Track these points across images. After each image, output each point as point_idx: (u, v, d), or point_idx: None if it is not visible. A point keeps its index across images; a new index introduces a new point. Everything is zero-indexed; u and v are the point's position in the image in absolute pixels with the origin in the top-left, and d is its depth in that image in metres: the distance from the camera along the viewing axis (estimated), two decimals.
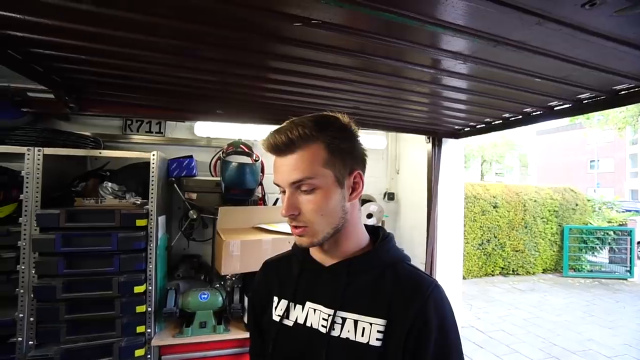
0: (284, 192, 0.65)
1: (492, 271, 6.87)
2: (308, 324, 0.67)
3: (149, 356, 1.72)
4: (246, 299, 1.89)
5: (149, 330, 1.74)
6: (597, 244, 7.17)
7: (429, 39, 0.96)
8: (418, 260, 2.43)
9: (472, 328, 4.24)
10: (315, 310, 0.67)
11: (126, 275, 1.68)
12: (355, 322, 0.63)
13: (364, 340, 0.62)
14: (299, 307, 0.69)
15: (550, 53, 0.96)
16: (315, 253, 0.72)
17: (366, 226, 0.75)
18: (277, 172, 0.65)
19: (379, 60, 1.11)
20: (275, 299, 0.73)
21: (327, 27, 0.89)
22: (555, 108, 1.52)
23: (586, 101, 1.37)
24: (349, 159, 0.67)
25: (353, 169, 0.68)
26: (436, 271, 2.24)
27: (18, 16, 0.89)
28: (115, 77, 1.43)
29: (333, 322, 0.64)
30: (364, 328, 0.62)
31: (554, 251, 7.30)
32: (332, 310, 0.64)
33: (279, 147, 0.62)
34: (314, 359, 0.64)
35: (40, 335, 1.58)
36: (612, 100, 1.28)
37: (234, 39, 1.00)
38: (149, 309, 1.74)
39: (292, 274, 0.74)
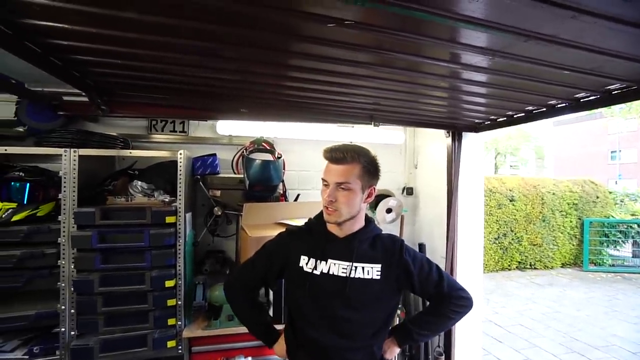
0: (327, 185, 1.06)
1: (509, 265, 6.78)
2: (331, 273, 1.07)
3: (180, 347, 1.79)
4: (271, 292, 1.95)
5: (179, 323, 1.81)
6: (620, 238, 6.98)
7: (457, 35, 0.96)
8: (438, 255, 2.43)
9: (490, 322, 4.22)
10: (335, 264, 1.08)
11: (157, 270, 1.76)
12: (363, 267, 1.08)
13: (369, 276, 1.07)
14: (323, 262, 1.08)
15: (583, 45, 0.95)
16: (332, 228, 1.11)
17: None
18: (329, 173, 1.05)
19: (400, 57, 1.12)
20: (305, 257, 1.11)
21: (354, 26, 0.91)
22: (582, 100, 1.50)
23: (615, 92, 1.35)
24: (371, 178, 1.08)
25: (371, 184, 1.09)
26: (457, 266, 2.24)
27: (66, 26, 0.94)
28: (143, 79, 1.49)
29: (351, 269, 1.07)
30: (369, 270, 1.08)
31: (573, 245, 7.14)
32: (350, 263, 1.07)
33: (336, 159, 1.03)
34: (340, 291, 1.05)
35: (81, 326, 1.68)
36: None
37: (255, 39, 1.03)
38: (179, 303, 1.81)
39: (317, 241, 1.12)
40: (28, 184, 1.69)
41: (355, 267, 1.07)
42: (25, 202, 1.68)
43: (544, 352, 3.50)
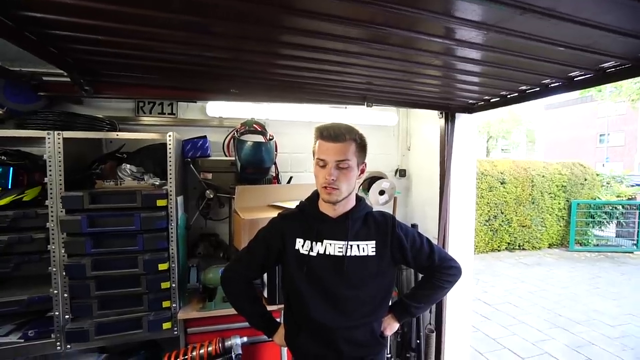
0: (323, 166, 1.06)
1: (499, 246, 6.95)
2: (327, 253, 1.10)
3: (175, 329, 1.81)
4: (265, 275, 1.96)
5: (174, 305, 1.82)
6: (605, 219, 7.18)
7: (452, 8, 0.93)
8: (430, 236, 2.45)
9: (479, 301, 4.36)
10: (331, 244, 1.11)
11: (150, 253, 1.74)
12: (358, 245, 1.11)
13: (365, 253, 1.11)
14: (319, 244, 1.11)
15: (579, 19, 0.93)
16: (325, 209, 1.13)
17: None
18: (326, 152, 1.05)
19: (393, 32, 1.08)
20: (300, 240, 1.12)
21: None
22: (576, 79, 1.49)
23: (609, 70, 1.34)
24: (363, 155, 1.11)
25: (363, 161, 1.13)
26: (448, 247, 2.28)
27: None
28: (127, 57, 1.42)
29: (347, 248, 1.10)
30: (364, 247, 1.11)
31: (560, 226, 7.33)
32: (346, 242, 1.10)
33: (335, 136, 1.04)
34: (338, 270, 1.09)
35: (75, 310, 1.67)
36: (638, 68, 1.25)
37: (246, 12, 0.98)
38: (173, 285, 1.81)
39: (310, 222, 1.13)
40: (11, 168, 1.64)
41: (351, 246, 1.10)
42: (9, 187, 1.63)
43: (529, 328, 3.64)
